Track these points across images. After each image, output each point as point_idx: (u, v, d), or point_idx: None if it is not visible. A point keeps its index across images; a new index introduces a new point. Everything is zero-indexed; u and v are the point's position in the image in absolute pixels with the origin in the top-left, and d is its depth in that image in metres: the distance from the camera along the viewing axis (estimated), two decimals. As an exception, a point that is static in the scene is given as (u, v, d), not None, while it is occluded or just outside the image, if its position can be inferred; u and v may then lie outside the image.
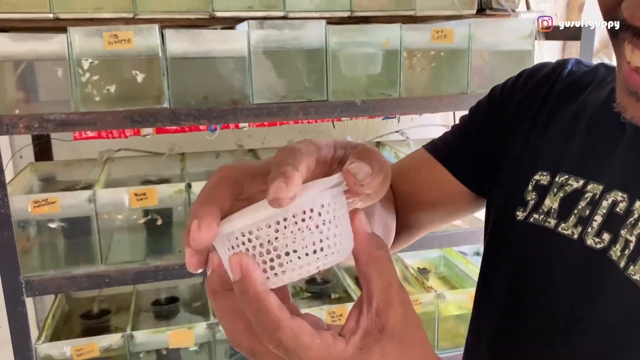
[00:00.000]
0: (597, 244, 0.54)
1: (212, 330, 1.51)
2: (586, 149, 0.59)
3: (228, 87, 1.42)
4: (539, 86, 0.67)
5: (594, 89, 0.63)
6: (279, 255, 0.38)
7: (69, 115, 1.28)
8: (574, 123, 0.61)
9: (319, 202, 0.38)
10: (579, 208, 0.57)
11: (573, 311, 0.54)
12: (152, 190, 1.39)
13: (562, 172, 0.60)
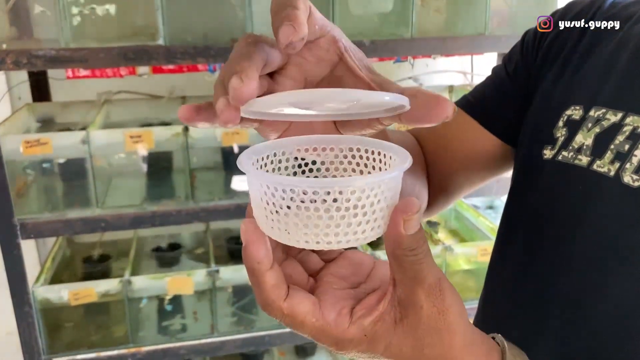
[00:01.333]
0: (634, 182, 0.49)
1: (212, 278, 1.48)
2: (626, 81, 0.53)
3: (227, 24, 1.34)
4: (576, 18, 0.61)
5: (638, 20, 0.56)
6: (337, 224, 0.34)
7: (59, 51, 1.21)
8: (615, 56, 0.55)
9: (389, 181, 0.34)
10: (616, 143, 0.51)
11: (607, 252, 0.50)
12: (148, 132, 1.33)
13: (598, 105, 0.54)
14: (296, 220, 0.34)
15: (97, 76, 1.38)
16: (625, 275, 0.49)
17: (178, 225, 1.56)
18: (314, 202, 0.33)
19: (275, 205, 0.34)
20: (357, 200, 0.33)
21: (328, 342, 0.38)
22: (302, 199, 0.33)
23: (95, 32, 1.27)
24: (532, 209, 0.59)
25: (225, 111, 0.35)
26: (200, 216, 1.42)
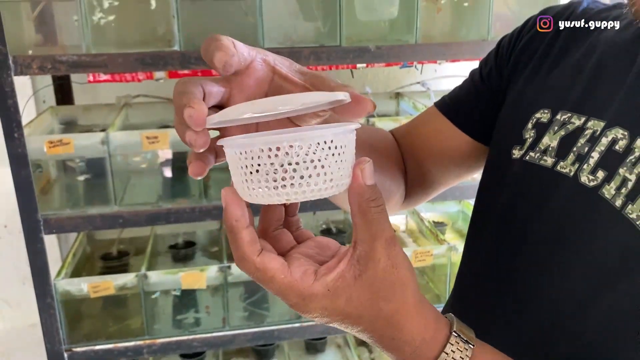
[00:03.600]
0: (590, 182, 0.53)
1: (224, 273, 1.54)
2: (591, 86, 0.57)
3: (239, 30, 1.40)
4: (554, 23, 0.65)
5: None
6: (292, 176, 0.39)
7: (80, 57, 1.29)
8: (582, 62, 0.59)
9: (332, 136, 0.40)
10: (578, 145, 0.55)
11: (562, 247, 0.54)
12: (164, 133, 1.40)
13: (565, 109, 0.58)
14: (260, 178, 0.40)
15: (117, 80, 1.45)
16: (574, 268, 0.53)
17: (192, 222, 1.63)
18: (270, 158, 0.39)
19: (245, 168, 0.40)
20: (306, 155, 0.39)
21: (294, 298, 0.42)
22: (259, 155, 0.39)
23: (115, 38, 1.34)
24: (499, 205, 0.63)
25: (197, 140, 0.40)
26: (213, 214, 1.49)
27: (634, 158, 0.50)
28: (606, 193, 0.51)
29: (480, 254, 0.67)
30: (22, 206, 1.37)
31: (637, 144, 0.50)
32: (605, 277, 0.50)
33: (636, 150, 0.50)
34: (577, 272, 0.52)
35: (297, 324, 1.63)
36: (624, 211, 0.49)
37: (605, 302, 0.50)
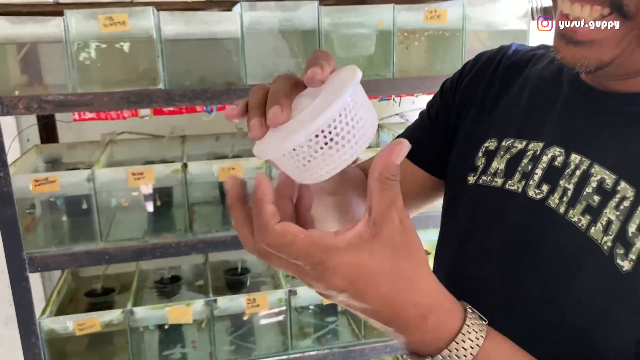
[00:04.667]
0: (537, 195, 0.61)
1: (210, 307, 1.55)
2: (528, 114, 0.66)
3: (222, 68, 1.45)
4: (485, 67, 0.74)
5: (534, 63, 0.70)
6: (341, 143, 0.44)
7: (66, 96, 1.32)
8: (519, 95, 0.68)
9: (347, 95, 0.44)
10: (522, 165, 0.63)
11: (520, 253, 0.61)
12: (150, 169, 1.42)
13: (508, 136, 0.67)
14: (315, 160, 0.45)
15: (102, 118, 1.48)
16: (535, 270, 0.59)
17: (178, 256, 1.63)
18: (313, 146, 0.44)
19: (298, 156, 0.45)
20: (335, 128, 0.44)
21: (317, 254, 0.42)
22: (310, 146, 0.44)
23: (100, 77, 1.37)
24: (460, 224, 0.70)
25: (258, 129, 0.46)
26: (198, 248, 1.50)
27: (571, 170, 0.59)
28: (552, 203, 0.59)
29: (445, 271, 0.72)
30: (7, 245, 1.37)
31: (572, 159, 0.59)
32: (562, 272, 0.56)
33: (572, 164, 0.59)
34: (537, 273, 0.58)
35: (285, 356, 1.63)
36: (567, 216, 0.57)
37: (563, 296, 0.56)
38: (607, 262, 0.53)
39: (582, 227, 0.56)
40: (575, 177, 0.58)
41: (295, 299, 1.62)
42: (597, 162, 0.57)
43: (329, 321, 1.76)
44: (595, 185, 0.57)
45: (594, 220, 0.55)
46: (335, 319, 1.77)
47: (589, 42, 0.54)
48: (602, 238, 0.54)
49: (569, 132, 0.61)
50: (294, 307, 1.65)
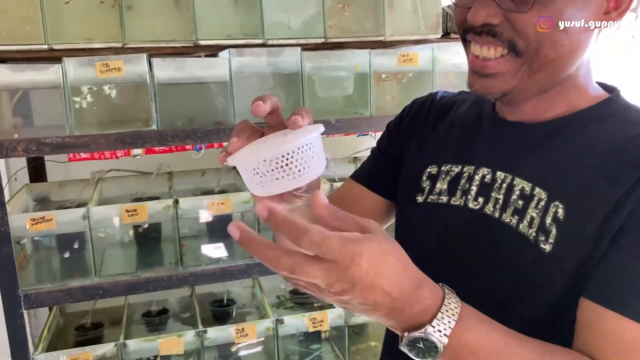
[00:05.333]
0: (475, 206, 0.77)
1: (201, 338, 1.60)
2: (458, 144, 0.84)
3: (212, 109, 1.54)
4: (420, 110, 0.93)
5: (459, 106, 0.90)
6: (286, 172, 0.60)
7: (64, 139, 1.39)
8: (449, 130, 0.87)
9: (310, 140, 0.60)
10: (461, 184, 0.80)
11: (468, 256, 0.77)
12: (143, 206, 1.49)
13: (446, 163, 0.84)
14: (270, 176, 0.60)
15: (96, 158, 1.55)
16: (481, 266, 0.74)
17: (169, 289, 1.69)
18: (278, 163, 0.59)
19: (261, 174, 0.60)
20: (299, 154, 0.59)
21: (347, 246, 0.51)
22: (269, 166, 0.60)
23: (96, 120, 1.44)
24: (413, 240, 0.82)
25: (224, 156, 0.64)
26: (189, 280, 1.57)
27: (498, 184, 0.76)
28: (487, 210, 0.75)
29: None
30: (3, 283, 1.41)
31: (498, 175, 0.76)
32: (502, 259, 0.73)
33: (498, 179, 0.76)
34: (484, 268, 0.74)
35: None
36: (501, 219, 0.74)
37: (504, 273, 0.72)
38: (534, 247, 0.70)
39: (513, 225, 0.72)
40: (503, 189, 0.75)
41: (282, 328, 1.69)
42: (517, 176, 0.75)
43: (314, 348, 1.83)
44: (518, 193, 0.74)
45: (521, 218, 0.72)
46: (319, 346, 1.84)
47: (495, 74, 0.71)
48: (528, 231, 0.71)
49: (493, 156, 0.78)
50: (281, 335, 1.72)
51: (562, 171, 0.72)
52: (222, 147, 1.81)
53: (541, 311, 0.70)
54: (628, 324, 0.62)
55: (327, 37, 1.71)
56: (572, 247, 0.68)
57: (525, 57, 0.69)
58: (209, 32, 1.60)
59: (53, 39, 1.49)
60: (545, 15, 0.68)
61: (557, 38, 0.68)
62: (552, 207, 0.70)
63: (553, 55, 0.69)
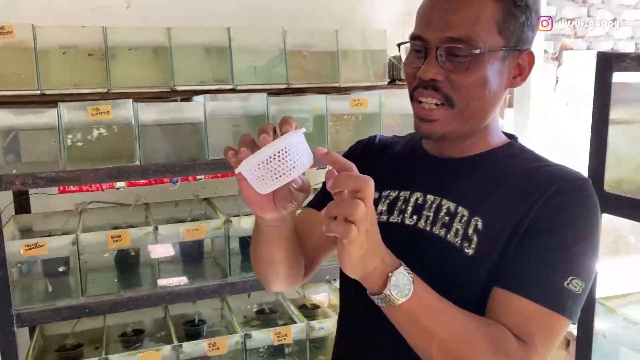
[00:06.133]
0: (411, 222, 0.94)
1: (177, 352, 1.77)
2: (396, 175, 1.02)
3: (188, 147, 1.75)
4: (367, 147, 1.10)
5: (394, 145, 1.08)
6: (281, 167, 0.74)
7: (58, 173, 1.57)
8: (388, 164, 1.04)
9: (296, 138, 0.75)
10: (398, 205, 0.97)
11: (406, 261, 0.84)
12: (126, 233, 1.67)
13: (385, 189, 1.00)
14: (270, 173, 0.74)
15: (83, 190, 1.73)
16: (422, 272, 0.83)
17: (150, 307, 1.86)
18: (275, 160, 0.74)
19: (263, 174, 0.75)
20: (290, 151, 0.74)
21: (363, 178, 0.72)
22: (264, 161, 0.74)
23: (86, 156, 1.64)
24: None
25: (235, 162, 0.79)
26: (167, 299, 1.75)
27: (429, 205, 0.93)
28: (420, 226, 0.92)
29: (354, 283, 0.98)
30: (-2, 303, 1.56)
31: (428, 198, 0.94)
32: (435, 263, 0.89)
33: (429, 201, 0.93)
34: (420, 271, 0.83)
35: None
36: (432, 231, 0.91)
37: (438, 274, 0.86)
38: (460, 251, 0.87)
39: (442, 235, 0.90)
40: (433, 208, 0.93)
41: (250, 342, 1.88)
42: (444, 198, 0.93)
43: (279, 362, 2.02)
44: (445, 210, 0.91)
45: (448, 230, 0.90)
46: (283, 359, 2.03)
47: (435, 120, 0.90)
48: (454, 239, 0.88)
49: (425, 183, 0.97)
50: (249, 349, 1.90)
51: (481, 193, 0.91)
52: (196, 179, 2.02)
53: (467, 303, 0.84)
54: (524, 302, 0.82)
55: (290, 83, 1.97)
56: (489, 250, 0.86)
57: (458, 109, 0.89)
58: (184, 78, 1.83)
59: (45, 85, 1.68)
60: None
61: (482, 95, 0.89)
62: (473, 221, 0.88)
63: (479, 108, 0.90)
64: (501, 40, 0.88)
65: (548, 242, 0.85)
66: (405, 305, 0.77)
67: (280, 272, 0.99)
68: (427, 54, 0.88)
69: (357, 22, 2.41)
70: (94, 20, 1.92)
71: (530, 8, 0.90)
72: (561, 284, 0.83)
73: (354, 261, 0.75)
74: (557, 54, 2.84)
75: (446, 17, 0.88)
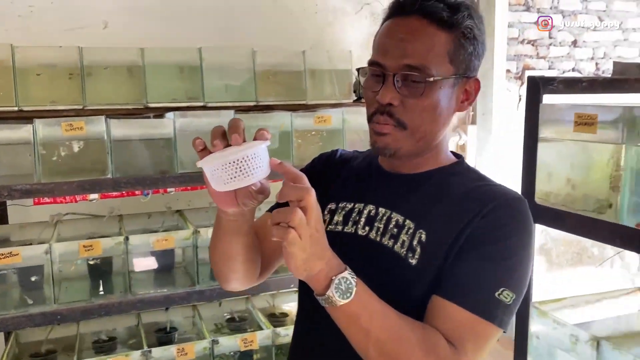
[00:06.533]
0: (363, 233, 1.01)
1: (146, 357, 1.85)
2: (352, 188, 1.08)
3: (158, 160, 1.85)
4: (328, 161, 1.17)
5: (354, 160, 1.15)
6: (242, 171, 0.80)
7: (32, 186, 1.66)
8: (346, 178, 1.11)
9: (258, 150, 0.81)
10: (352, 217, 1.04)
11: (356, 268, 0.89)
12: (97, 242, 1.76)
13: (342, 201, 1.07)
14: (228, 175, 0.80)
15: (58, 202, 1.81)
16: (367, 276, 0.88)
17: (120, 314, 1.93)
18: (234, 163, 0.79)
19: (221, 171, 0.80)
20: (250, 160, 0.79)
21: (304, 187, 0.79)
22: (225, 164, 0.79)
23: (60, 170, 1.72)
24: None
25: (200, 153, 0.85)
26: (137, 306, 1.83)
27: (380, 217, 0.99)
28: (371, 236, 0.99)
29: (302, 300, 1.09)
30: (-28, 310, 1.63)
31: (380, 211, 1.00)
32: (382, 270, 0.95)
33: (380, 214, 1.00)
34: (370, 275, 0.89)
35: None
36: (381, 242, 0.97)
37: (386, 281, 0.93)
38: (405, 261, 0.94)
39: (390, 246, 0.96)
40: (383, 220, 0.99)
41: (217, 347, 1.96)
42: (393, 211, 0.99)
43: (247, 368, 2.10)
44: (394, 223, 0.98)
45: (395, 241, 0.96)
46: (251, 362, 2.11)
47: (389, 135, 0.96)
48: (400, 250, 0.95)
49: (377, 197, 1.03)
50: (217, 354, 1.98)
51: (427, 208, 0.98)
52: (167, 192, 2.11)
53: (409, 309, 0.90)
54: (458, 309, 0.89)
55: (258, 100, 2.07)
56: (431, 261, 0.93)
57: (410, 130, 0.95)
58: (157, 96, 1.93)
59: (23, 102, 1.78)
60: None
61: (433, 118, 0.96)
62: (418, 233, 0.95)
63: (429, 130, 0.97)
64: (452, 68, 0.96)
65: (483, 254, 0.92)
66: (346, 306, 0.83)
67: (237, 268, 1.04)
68: (385, 80, 0.95)
69: (327, 43, 2.53)
70: (74, 39, 2.02)
71: (477, 40, 0.98)
72: (493, 294, 0.90)
73: (298, 263, 0.81)
74: (520, 74, 2.98)
75: (403, 46, 0.94)
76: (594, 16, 3.18)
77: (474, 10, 0.98)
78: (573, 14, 3.12)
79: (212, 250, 1.05)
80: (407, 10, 0.96)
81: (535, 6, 3.01)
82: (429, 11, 0.94)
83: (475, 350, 0.89)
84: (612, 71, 1.56)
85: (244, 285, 1.11)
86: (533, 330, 1.43)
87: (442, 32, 0.94)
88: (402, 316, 0.87)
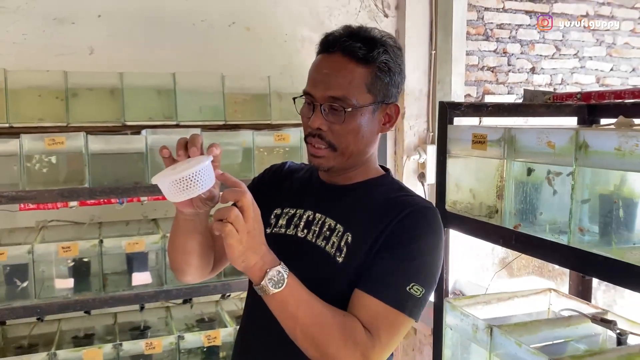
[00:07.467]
0: (301, 235, 1.16)
1: (117, 349, 2.05)
2: (296, 195, 1.24)
3: (132, 171, 2.07)
4: (276, 172, 1.33)
5: (299, 171, 1.31)
6: (189, 185, 0.92)
7: (17, 192, 1.88)
8: (291, 187, 1.27)
9: (203, 166, 0.93)
10: (294, 221, 1.19)
11: (293, 265, 1.01)
12: (75, 244, 1.97)
13: (286, 207, 1.23)
14: (179, 189, 0.92)
15: (41, 208, 2.04)
16: (302, 272, 1.01)
17: (94, 309, 2.13)
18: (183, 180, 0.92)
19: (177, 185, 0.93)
20: (196, 175, 0.91)
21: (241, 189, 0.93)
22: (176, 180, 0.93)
23: (42, 180, 1.95)
24: None
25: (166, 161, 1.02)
26: (110, 303, 2.04)
27: (316, 221, 1.15)
28: (308, 238, 1.14)
29: (252, 297, 1.25)
30: (-39, 302, 1.85)
31: (316, 216, 1.15)
32: (314, 267, 1.09)
33: (317, 219, 1.15)
34: (304, 271, 1.02)
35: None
36: (315, 243, 1.12)
37: (316, 278, 1.04)
38: (333, 260, 1.09)
39: (322, 246, 1.11)
40: (319, 224, 1.14)
41: (183, 343, 2.16)
42: (327, 216, 1.14)
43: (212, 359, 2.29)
44: (327, 226, 1.13)
45: (327, 242, 1.11)
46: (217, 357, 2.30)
47: (322, 157, 1.11)
48: (331, 250, 1.10)
49: (315, 204, 1.18)
50: (184, 350, 2.18)
51: (354, 213, 1.13)
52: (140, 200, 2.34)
53: (335, 300, 1.03)
54: (374, 301, 1.03)
55: (227, 120, 2.30)
56: (354, 259, 1.07)
57: (340, 151, 1.11)
58: (134, 115, 2.17)
59: (13, 119, 2.01)
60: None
61: (357, 140, 1.11)
62: (345, 235, 1.10)
63: (356, 149, 1.12)
64: (370, 97, 1.10)
65: (397, 254, 1.06)
66: (277, 295, 0.96)
67: (192, 262, 1.17)
68: (314, 108, 1.10)
69: (295, 68, 2.77)
70: (63, 64, 2.26)
71: (393, 71, 1.12)
72: (404, 288, 1.04)
73: (236, 254, 0.93)
74: (480, 98, 3.20)
75: (327, 79, 1.09)
76: (551, 45, 3.42)
77: (390, 46, 1.12)
78: (531, 43, 3.36)
79: (170, 245, 1.19)
80: (331, 48, 1.11)
81: (495, 36, 3.25)
82: (348, 50, 1.09)
83: (388, 336, 1.03)
84: (523, 97, 1.77)
85: (197, 277, 1.25)
86: (447, 323, 1.63)
87: (360, 67, 1.09)
88: (326, 305, 1.01)
